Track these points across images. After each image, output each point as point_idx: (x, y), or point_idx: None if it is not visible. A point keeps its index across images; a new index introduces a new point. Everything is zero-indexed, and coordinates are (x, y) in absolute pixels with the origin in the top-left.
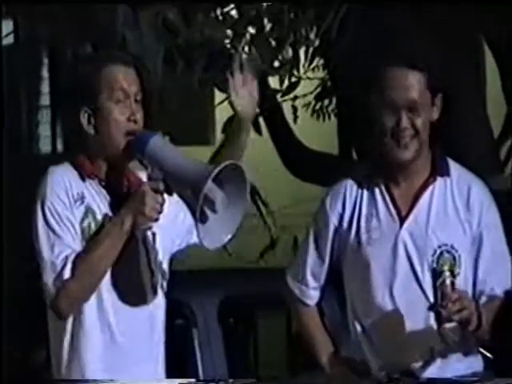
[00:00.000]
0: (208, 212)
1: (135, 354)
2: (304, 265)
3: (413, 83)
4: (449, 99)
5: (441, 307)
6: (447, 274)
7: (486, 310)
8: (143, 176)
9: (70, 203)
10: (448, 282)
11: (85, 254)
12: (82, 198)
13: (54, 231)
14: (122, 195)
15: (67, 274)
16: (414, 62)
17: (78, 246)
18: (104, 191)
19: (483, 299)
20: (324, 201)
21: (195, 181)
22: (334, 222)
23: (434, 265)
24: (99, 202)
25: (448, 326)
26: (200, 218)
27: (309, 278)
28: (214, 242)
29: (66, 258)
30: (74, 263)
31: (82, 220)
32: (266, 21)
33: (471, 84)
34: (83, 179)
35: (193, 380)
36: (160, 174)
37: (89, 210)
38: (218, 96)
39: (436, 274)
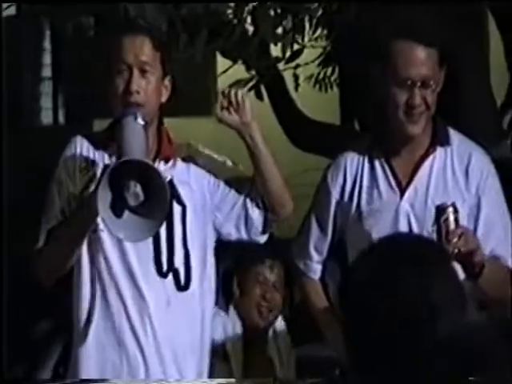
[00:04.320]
0: (125, 206)
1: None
2: (307, 239)
3: (426, 59)
4: (452, 69)
5: (446, 243)
6: (451, 209)
7: (488, 269)
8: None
9: (74, 173)
10: (452, 218)
11: (60, 224)
12: (91, 167)
13: (53, 200)
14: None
15: (41, 241)
16: (429, 38)
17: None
18: (113, 161)
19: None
20: (325, 174)
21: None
22: (335, 195)
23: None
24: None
25: None
26: (115, 210)
27: (312, 252)
28: (130, 237)
29: (49, 229)
30: (50, 232)
31: (85, 188)
32: None
33: (474, 53)
34: (96, 148)
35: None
36: None
37: (93, 179)
38: (221, 67)
39: (440, 211)
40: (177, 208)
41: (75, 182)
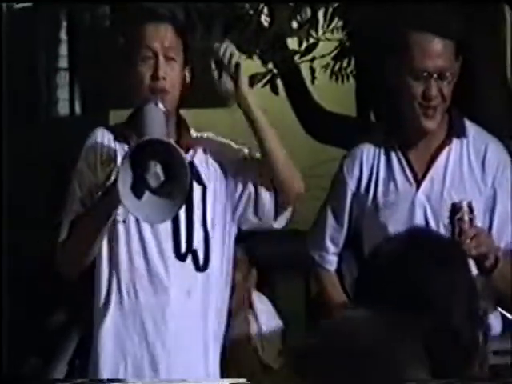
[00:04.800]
0: (145, 187)
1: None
2: (323, 231)
3: (442, 51)
4: (468, 59)
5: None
6: (466, 209)
7: (503, 263)
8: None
9: (95, 164)
10: (466, 218)
11: (82, 215)
12: (113, 158)
13: (74, 192)
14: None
15: (64, 234)
16: (445, 30)
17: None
18: None
19: (499, 254)
20: (341, 166)
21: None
22: (351, 187)
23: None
24: None
25: None
26: (136, 192)
27: (328, 243)
28: (149, 219)
29: (72, 221)
30: (72, 223)
31: (106, 180)
32: None
33: (490, 43)
34: (117, 140)
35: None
36: None
37: (113, 172)
38: None
39: (455, 209)
40: (197, 189)
41: (96, 173)
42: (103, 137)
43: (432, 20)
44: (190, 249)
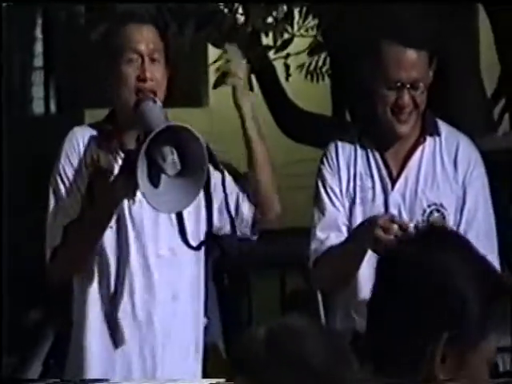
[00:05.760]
0: (162, 176)
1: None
2: (314, 225)
3: (417, 62)
4: (441, 62)
5: None
6: (411, 226)
7: None
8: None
9: (80, 166)
10: (411, 226)
11: (76, 221)
12: (98, 160)
13: (60, 197)
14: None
15: (57, 240)
16: (419, 41)
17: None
18: (119, 154)
19: None
20: (319, 167)
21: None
22: (331, 182)
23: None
24: (113, 166)
25: None
26: (152, 180)
27: (319, 233)
28: (166, 208)
29: (63, 226)
30: (66, 230)
31: (92, 182)
32: None
33: (464, 46)
34: (100, 140)
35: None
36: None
37: (101, 172)
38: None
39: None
40: (216, 175)
41: (83, 177)
42: (84, 138)
43: (406, 31)
44: (209, 236)
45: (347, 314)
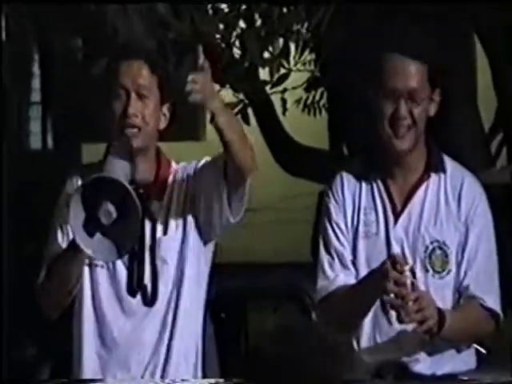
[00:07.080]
0: (97, 225)
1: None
2: (320, 260)
3: (414, 72)
4: (442, 94)
5: (400, 306)
6: (407, 274)
7: (464, 309)
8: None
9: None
10: (408, 282)
11: (57, 258)
12: None
13: (55, 236)
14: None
15: (42, 277)
16: (417, 52)
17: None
18: None
19: (464, 296)
20: (326, 195)
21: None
22: (335, 215)
23: (426, 261)
24: None
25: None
26: (88, 229)
27: (328, 270)
28: (103, 256)
29: (46, 264)
30: (48, 266)
31: None
32: (256, 15)
33: (463, 79)
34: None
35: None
36: None
37: None
38: None
39: (395, 261)
40: (148, 225)
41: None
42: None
43: (404, 41)
44: (141, 285)
45: None
